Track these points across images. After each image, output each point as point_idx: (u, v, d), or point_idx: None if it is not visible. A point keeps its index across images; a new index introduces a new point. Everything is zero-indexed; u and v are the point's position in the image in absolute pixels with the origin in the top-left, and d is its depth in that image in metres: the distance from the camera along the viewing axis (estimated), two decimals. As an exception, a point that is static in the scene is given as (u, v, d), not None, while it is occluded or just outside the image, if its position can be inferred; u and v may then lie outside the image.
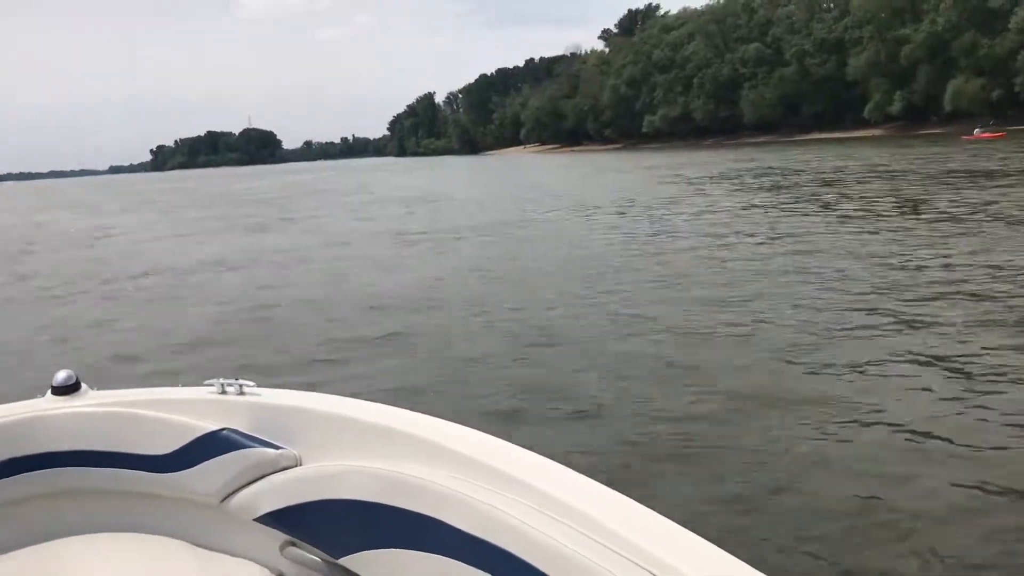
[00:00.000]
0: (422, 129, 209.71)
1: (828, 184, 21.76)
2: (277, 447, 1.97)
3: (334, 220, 21.48)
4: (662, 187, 25.55)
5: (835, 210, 15.24)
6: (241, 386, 2.12)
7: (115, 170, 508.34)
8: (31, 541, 2.11)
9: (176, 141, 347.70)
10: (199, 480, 2.05)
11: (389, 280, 10.50)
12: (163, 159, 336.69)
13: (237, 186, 57.02)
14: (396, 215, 21.89)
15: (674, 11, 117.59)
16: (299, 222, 21.41)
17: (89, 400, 2.25)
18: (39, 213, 36.72)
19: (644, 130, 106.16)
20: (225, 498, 2.03)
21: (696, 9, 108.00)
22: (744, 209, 16.63)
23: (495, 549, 1.43)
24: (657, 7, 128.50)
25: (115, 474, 2.16)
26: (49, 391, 2.27)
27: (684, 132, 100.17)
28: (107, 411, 2.18)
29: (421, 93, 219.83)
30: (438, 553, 1.54)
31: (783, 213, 15.31)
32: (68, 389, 2.25)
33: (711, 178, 28.40)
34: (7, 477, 2.12)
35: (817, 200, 17.39)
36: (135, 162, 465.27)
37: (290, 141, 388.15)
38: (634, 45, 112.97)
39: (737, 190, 22.04)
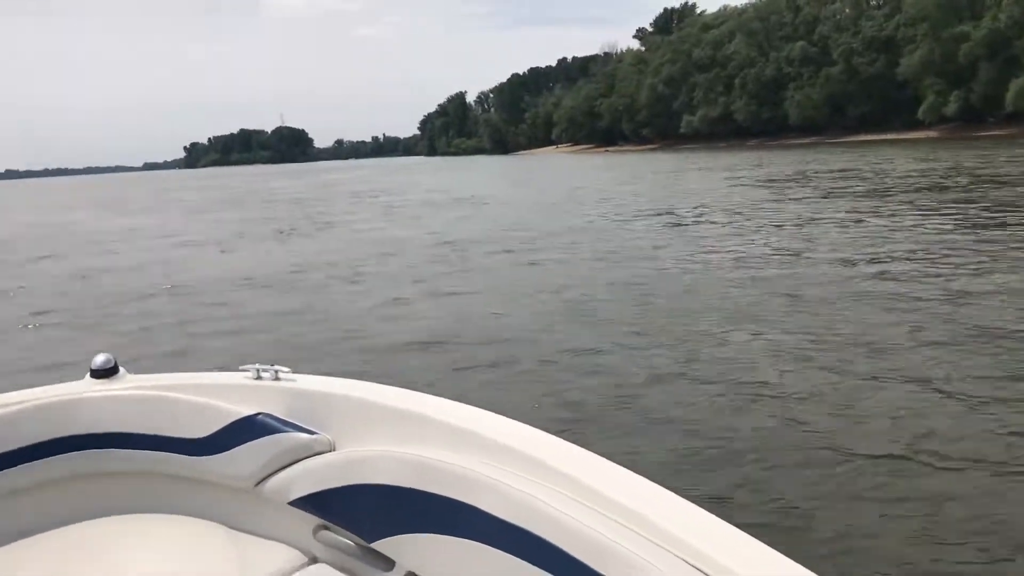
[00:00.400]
0: (453, 129, 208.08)
1: (938, 190, 19.39)
2: (311, 432, 1.96)
3: (375, 224, 19.46)
4: (737, 191, 23.13)
5: (997, 225, 12.70)
6: (276, 372, 2.11)
7: (149, 167, 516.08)
8: (69, 521, 2.13)
9: (209, 139, 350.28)
10: (234, 464, 2.04)
11: (464, 313, 8.33)
12: (196, 156, 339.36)
13: (269, 185, 55.32)
14: (444, 219, 19.78)
15: (711, 10, 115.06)
16: (337, 226, 19.40)
17: (127, 383, 2.26)
18: (63, 212, 35.12)
19: (682, 130, 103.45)
20: (260, 482, 2.02)
21: (736, 7, 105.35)
22: (865, 220, 14.36)
23: (529, 536, 1.41)
24: (694, 6, 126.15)
25: (152, 456, 2.16)
26: (88, 374, 2.28)
27: (724, 133, 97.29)
28: (145, 394, 2.19)
29: (452, 93, 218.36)
30: (471, 538, 1.53)
31: (934, 229, 12.99)
32: (106, 372, 2.27)
33: (785, 181, 25.90)
34: (46, 458, 2.13)
35: (960, 211, 15.04)
36: (168, 159, 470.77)
37: (321, 140, 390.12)
38: (672, 44, 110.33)
39: (828, 195, 19.59)
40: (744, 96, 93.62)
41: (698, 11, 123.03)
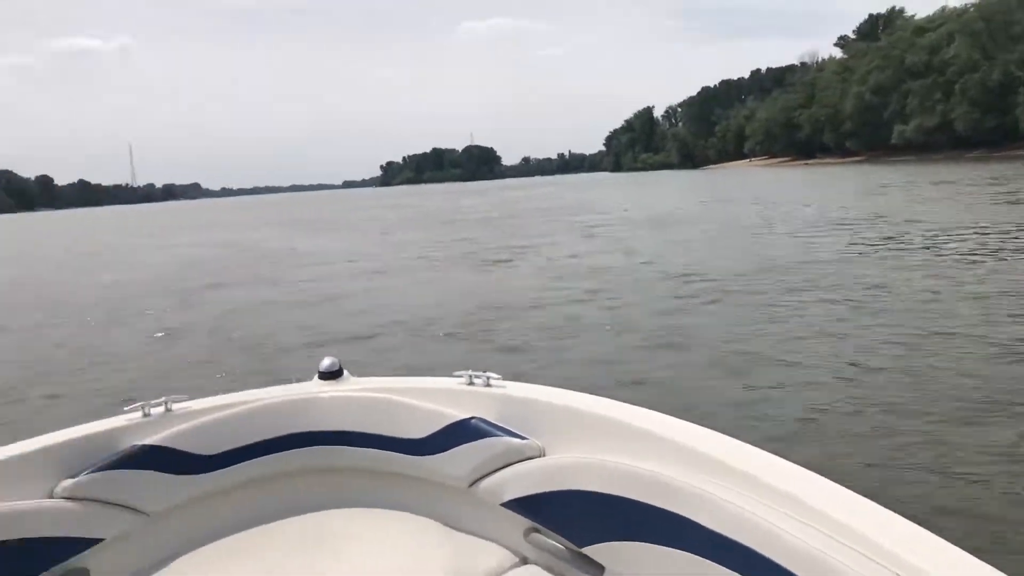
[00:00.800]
0: (639, 144, 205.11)
1: None
2: (522, 437, 1.99)
3: (577, 248, 17.67)
4: (1013, 211, 19.50)
5: None
6: (488, 378, 2.16)
7: (348, 185, 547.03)
8: (299, 511, 2.23)
9: (404, 158, 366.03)
10: (450, 464, 2.10)
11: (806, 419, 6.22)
12: (391, 174, 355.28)
13: (459, 203, 55.22)
14: (655, 243, 17.66)
15: (921, 14, 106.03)
16: (535, 250, 17.76)
17: (351, 385, 2.36)
18: (252, 231, 35.91)
19: (893, 141, 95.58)
20: (473, 483, 2.07)
21: (955, 8, 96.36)
22: None
23: (744, 549, 1.39)
24: (902, 10, 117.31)
25: (374, 454, 2.25)
26: (316, 376, 2.41)
27: (940, 143, 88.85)
28: (367, 395, 2.28)
29: (638, 108, 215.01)
30: (684, 550, 1.51)
31: None
32: (333, 375, 2.39)
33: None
34: (281, 452, 2.26)
35: None
36: (366, 177, 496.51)
37: (509, 157, 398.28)
38: (882, 50, 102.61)
39: None
40: (965, 103, 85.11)
41: (907, 15, 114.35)
